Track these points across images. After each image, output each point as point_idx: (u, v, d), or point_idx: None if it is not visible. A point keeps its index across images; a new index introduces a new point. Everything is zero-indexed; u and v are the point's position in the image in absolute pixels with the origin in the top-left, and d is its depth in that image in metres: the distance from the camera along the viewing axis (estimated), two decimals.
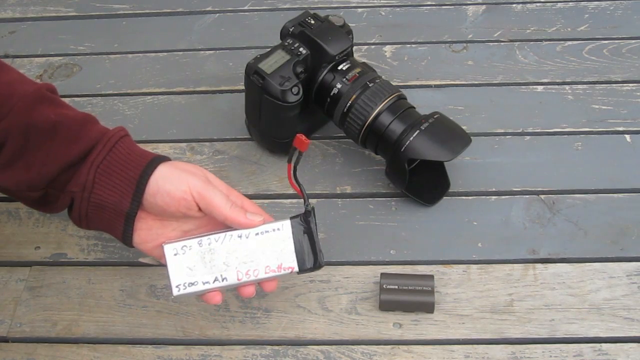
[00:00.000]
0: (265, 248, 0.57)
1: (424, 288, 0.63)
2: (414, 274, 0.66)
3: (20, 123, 0.54)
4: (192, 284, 0.56)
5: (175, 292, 0.56)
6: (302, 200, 0.58)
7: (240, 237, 0.57)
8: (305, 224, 0.57)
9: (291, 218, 0.58)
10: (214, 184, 0.57)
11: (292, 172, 0.58)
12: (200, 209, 0.55)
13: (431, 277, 0.64)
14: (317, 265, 0.57)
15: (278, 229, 0.57)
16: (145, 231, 0.57)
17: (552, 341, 0.62)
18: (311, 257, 0.57)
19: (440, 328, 0.63)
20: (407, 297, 0.62)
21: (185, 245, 0.57)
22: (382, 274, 0.64)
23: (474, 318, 0.64)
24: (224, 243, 0.57)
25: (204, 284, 0.56)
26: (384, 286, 0.63)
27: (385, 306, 0.63)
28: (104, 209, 0.55)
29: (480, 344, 0.62)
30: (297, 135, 0.55)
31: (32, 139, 0.54)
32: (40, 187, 0.56)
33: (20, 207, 0.74)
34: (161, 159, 0.57)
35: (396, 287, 0.63)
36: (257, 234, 0.57)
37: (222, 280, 0.56)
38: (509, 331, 0.63)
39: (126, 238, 0.57)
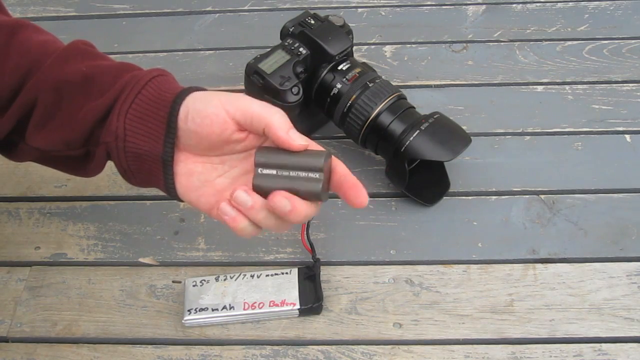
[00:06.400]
0: (273, 287, 0.64)
1: (310, 175, 0.48)
2: (303, 151, 0.48)
3: (51, 79, 0.51)
4: (203, 309, 0.63)
5: (186, 315, 0.63)
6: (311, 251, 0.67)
7: (252, 277, 0.65)
8: (311, 273, 0.65)
9: (299, 267, 0.66)
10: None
11: (305, 230, 0.67)
12: (238, 129, 0.50)
13: (321, 154, 0.48)
14: (317, 308, 0.63)
15: (287, 273, 0.65)
16: (186, 177, 0.51)
17: (552, 341, 0.62)
18: (312, 300, 0.63)
19: (440, 328, 0.63)
20: (288, 184, 0.48)
21: (204, 280, 0.65)
22: (258, 150, 0.49)
23: (474, 318, 0.64)
24: (238, 280, 0.65)
25: (212, 310, 0.63)
26: (260, 171, 0.48)
27: (261, 194, 0.49)
28: (142, 158, 0.51)
29: (480, 344, 0.62)
30: None
31: (64, 94, 0.51)
32: (78, 144, 0.52)
33: (20, 207, 0.74)
34: (196, 88, 0.50)
35: (274, 172, 0.48)
36: (267, 275, 0.65)
37: (230, 309, 0.63)
38: (509, 331, 0.63)
39: (169, 187, 0.52)
